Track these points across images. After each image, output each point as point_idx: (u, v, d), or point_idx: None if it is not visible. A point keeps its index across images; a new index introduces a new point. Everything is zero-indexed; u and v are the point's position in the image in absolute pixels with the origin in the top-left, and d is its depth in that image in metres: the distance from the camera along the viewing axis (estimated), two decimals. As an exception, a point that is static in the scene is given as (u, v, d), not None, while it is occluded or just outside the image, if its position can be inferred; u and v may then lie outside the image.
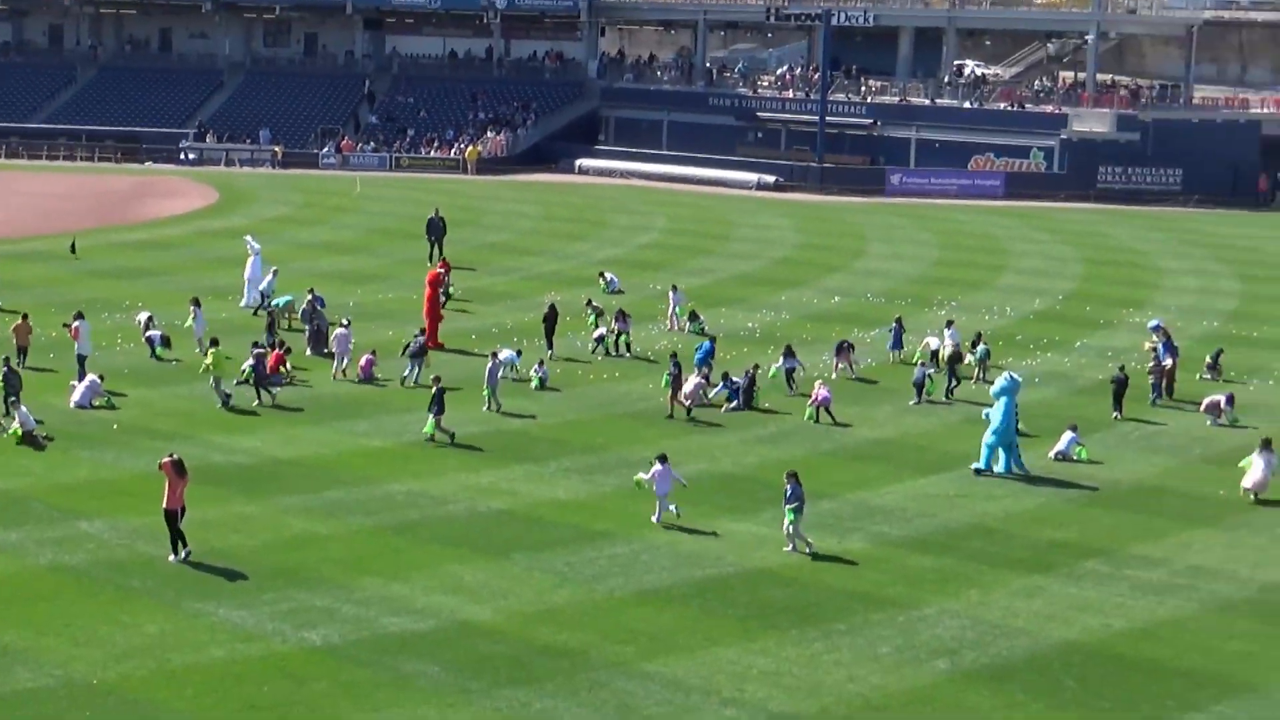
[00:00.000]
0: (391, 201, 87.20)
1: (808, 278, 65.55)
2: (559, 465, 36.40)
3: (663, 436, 39.42)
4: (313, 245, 70.23)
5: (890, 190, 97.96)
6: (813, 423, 41.46)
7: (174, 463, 29.27)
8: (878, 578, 29.50)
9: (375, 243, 71.75)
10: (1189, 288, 66.06)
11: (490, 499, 33.70)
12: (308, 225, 76.91)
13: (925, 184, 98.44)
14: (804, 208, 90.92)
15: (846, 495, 34.96)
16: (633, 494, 34.31)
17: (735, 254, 71.89)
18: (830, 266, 68.80)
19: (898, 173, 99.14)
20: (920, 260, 71.67)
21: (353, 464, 36.10)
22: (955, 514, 33.90)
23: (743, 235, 78.30)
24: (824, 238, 78.27)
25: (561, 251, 70.73)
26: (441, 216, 67.36)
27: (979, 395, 44.15)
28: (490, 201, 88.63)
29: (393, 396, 42.60)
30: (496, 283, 60.38)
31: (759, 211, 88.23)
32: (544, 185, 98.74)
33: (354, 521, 31.82)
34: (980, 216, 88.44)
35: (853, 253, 73.26)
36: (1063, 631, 27.01)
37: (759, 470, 36.75)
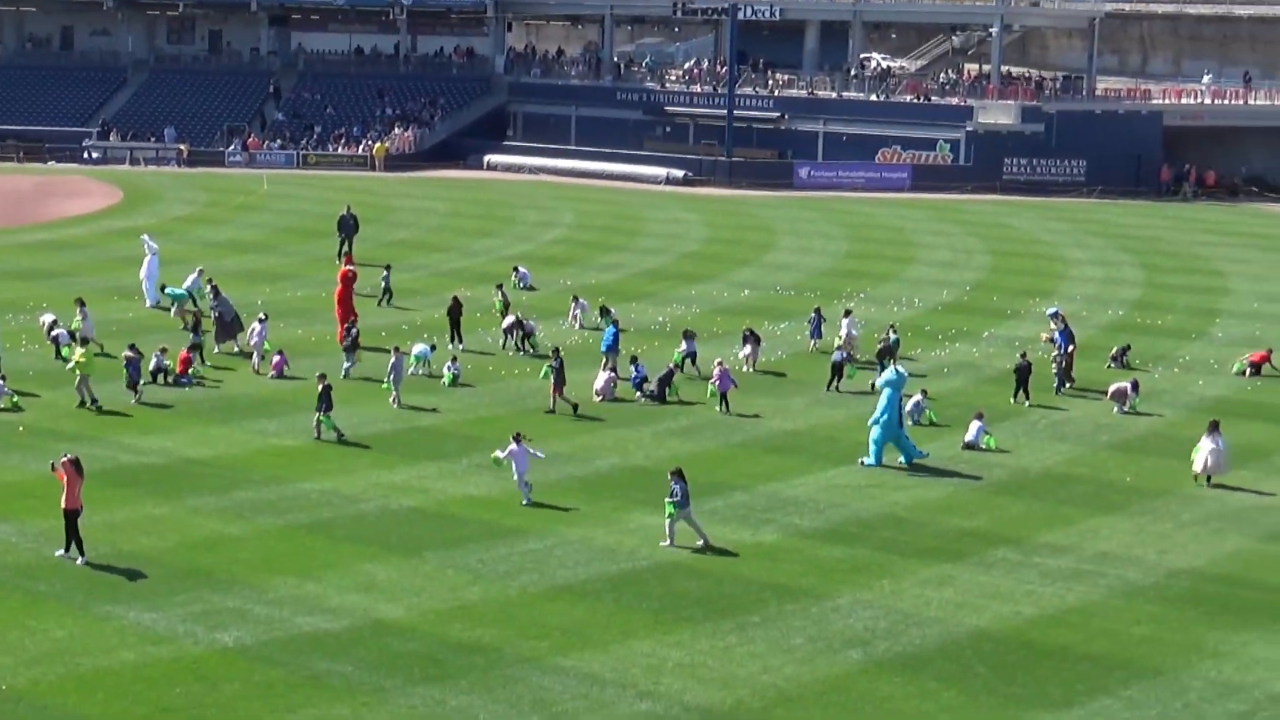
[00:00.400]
0: (299, 199, 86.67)
1: (717, 272, 65.71)
2: (471, 462, 36.33)
3: (576, 431, 39.46)
4: (220, 244, 69.69)
5: (798, 184, 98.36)
6: (723, 414, 41.61)
7: (72, 462, 29.02)
8: (791, 569, 29.64)
9: (284, 241, 71.29)
10: (1093, 277, 66.78)
11: (402, 497, 33.59)
12: (214, 224, 76.31)
13: (833, 177, 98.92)
14: (713, 202, 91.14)
15: (759, 487, 35.10)
16: (546, 490, 34.30)
17: (645, 249, 71.96)
18: (739, 260, 69.01)
19: (805, 166, 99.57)
20: (829, 253, 72.01)
21: (264, 463, 35.89)
22: (866, 504, 34.12)
23: (652, 230, 78.37)
24: (733, 232, 78.49)
25: (469, 248, 70.55)
26: (354, 214, 66.97)
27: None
28: (398, 198, 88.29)
29: (303, 395, 42.34)
30: (405, 279, 60.12)
31: (668, 206, 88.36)
32: (452, 181, 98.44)
33: (265, 521, 31.63)
34: (888, 209, 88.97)
35: (762, 246, 73.51)
36: (974, 619, 27.24)
37: (671, 464, 36.62)
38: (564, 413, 41.31)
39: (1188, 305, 60.64)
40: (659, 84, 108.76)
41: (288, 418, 39.96)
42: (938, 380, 45.94)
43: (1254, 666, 25.54)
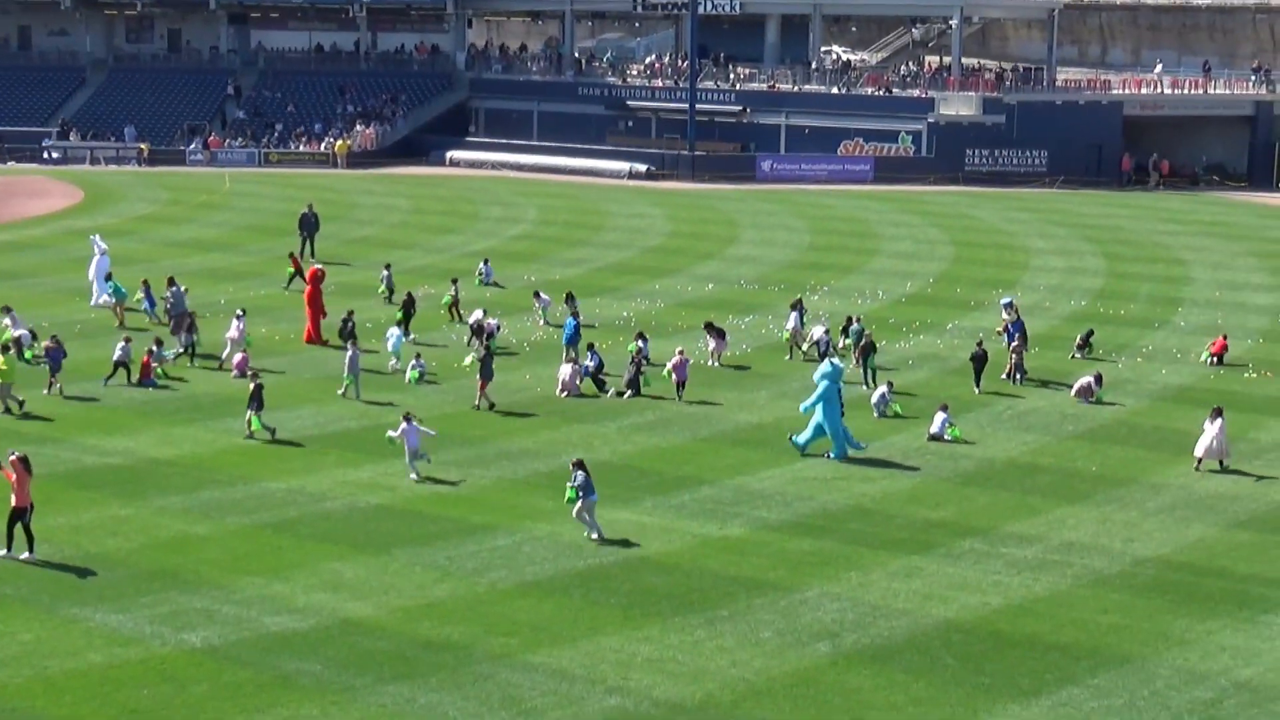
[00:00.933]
0: (261, 198, 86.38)
1: (681, 265, 65.73)
2: (438, 459, 36.23)
3: (541, 427, 39.44)
4: (181, 243, 69.40)
5: (761, 176, 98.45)
6: (678, 404, 41.71)
7: (21, 460, 28.94)
8: (759, 562, 29.67)
9: (246, 239, 71.05)
10: (1056, 267, 67.01)
11: (369, 494, 33.53)
12: (176, 223, 76.00)
13: (796, 170, 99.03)
14: (676, 196, 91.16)
15: (726, 481, 35.14)
16: (513, 486, 34.32)
17: (608, 243, 71.94)
18: (703, 254, 69.05)
19: (768, 159, 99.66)
20: (792, 246, 72.10)
21: (229, 463, 35.77)
22: (833, 496, 34.18)
23: (615, 224, 78.37)
24: (696, 225, 78.53)
25: (432, 244, 70.43)
26: (315, 212, 66.82)
27: (853, 378, 44.59)
28: (360, 195, 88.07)
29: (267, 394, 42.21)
30: (368, 277, 59.97)
31: (631, 200, 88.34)
32: (415, 178, 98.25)
33: (232, 521, 31.53)
34: (851, 201, 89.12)
35: (725, 240, 73.56)
36: (942, 610, 27.32)
37: (637, 459, 36.85)
38: (483, 409, 41.20)
39: (1150, 294, 60.92)
40: (620, 79, 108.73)
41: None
42: (903, 372, 46.04)
43: (1219, 654, 25.67)
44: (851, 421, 39.11)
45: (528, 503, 33.18)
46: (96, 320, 51.73)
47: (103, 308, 53.17)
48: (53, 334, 43.71)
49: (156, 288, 52.63)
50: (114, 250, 59.31)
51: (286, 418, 39.59)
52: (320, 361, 46.26)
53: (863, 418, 40.84)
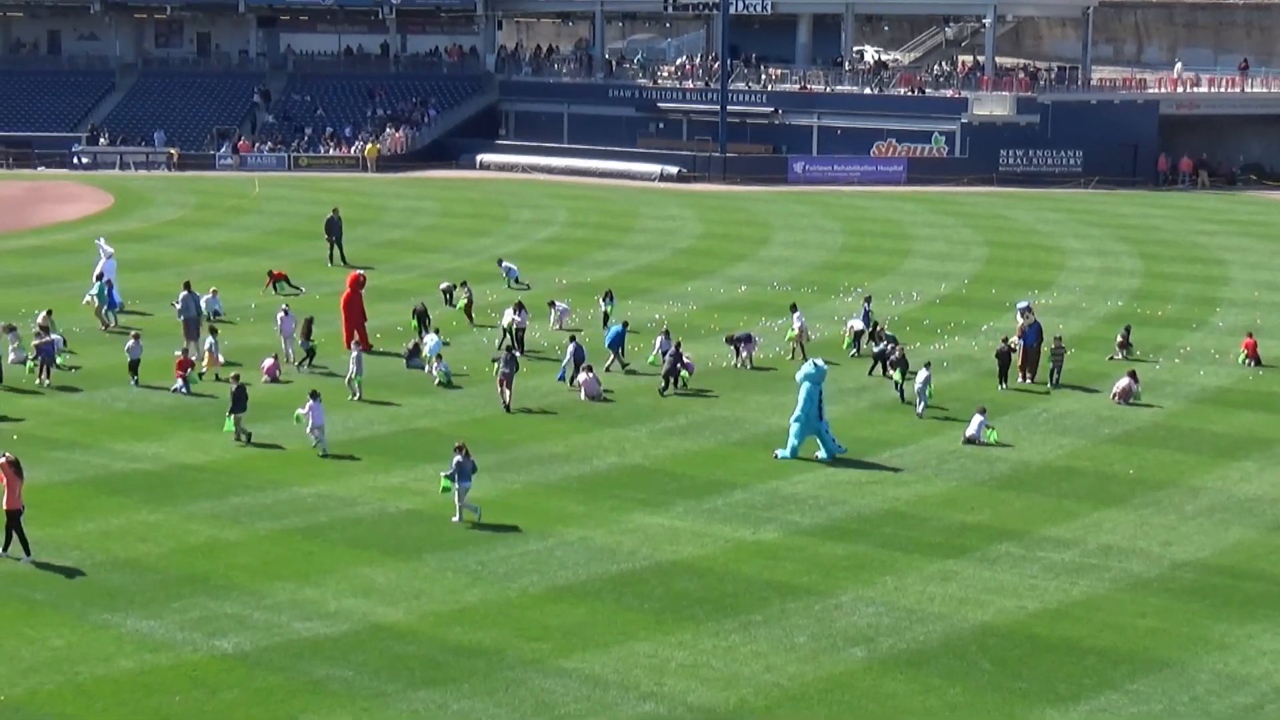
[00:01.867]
0: (291, 201, 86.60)
1: (713, 268, 65.70)
2: (468, 463, 36.30)
3: (573, 431, 39.44)
4: (211, 247, 69.61)
5: (793, 178, 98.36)
6: (718, 410, 41.72)
7: (10, 462, 29.11)
8: (792, 567, 29.62)
9: (275, 243, 71.23)
10: (1091, 268, 66.77)
11: (399, 499, 33.56)
12: (205, 227, 76.23)
13: (828, 171, 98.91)
14: (707, 198, 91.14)
15: (759, 485, 35.09)
16: (544, 490, 34.32)
17: (639, 245, 71.95)
18: (735, 256, 69.00)
19: (800, 161, 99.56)
20: (825, 247, 72.00)
21: (259, 468, 35.84)
22: (867, 500, 34.10)
23: (646, 226, 78.37)
24: (728, 227, 78.49)
25: (462, 247, 70.51)
26: (339, 216, 66.95)
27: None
28: (390, 199, 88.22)
29: (297, 399, 42.32)
30: (397, 280, 60.11)
31: (662, 202, 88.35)
32: (444, 181, 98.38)
33: (262, 526, 31.59)
34: (884, 202, 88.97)
35: (757, 242, 73.51)
36: (978, 615, 27.23)
37: (669, 462, 36.83)
38: (516, 411, 41.52)
39: (1187, 294, 60.64)
40: (651, 80, 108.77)
41: (282, 422, 39.84)
42: (937, 375, 45.93)
43: (1260, 658, 25.53)
44: (888, 425, 39.02)
45: (559, 507, 33.17)
46: (122, 323, 51.88)
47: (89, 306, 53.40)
48: (43, 325, 44.34)
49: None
50: (143, 255, 59.55)
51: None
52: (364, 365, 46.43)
53: (897, 420, 40.74)
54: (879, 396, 43.50)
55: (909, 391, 43.03)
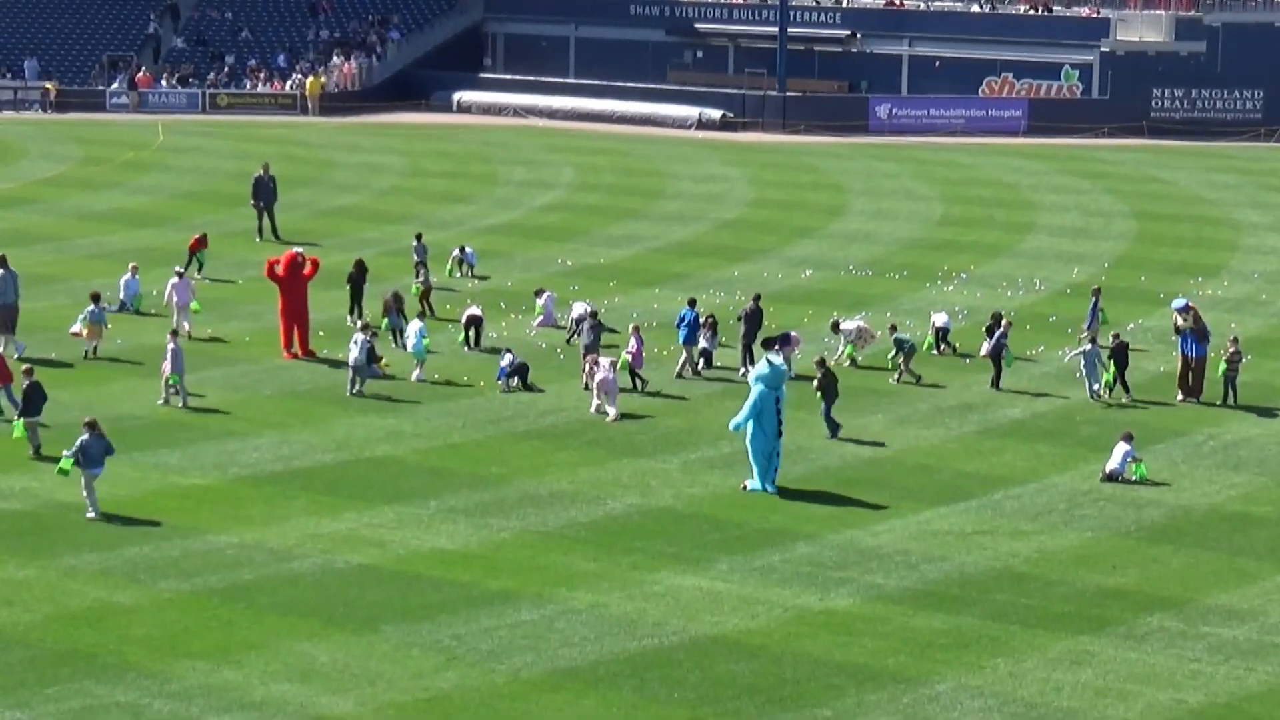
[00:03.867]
0: (206, 154, 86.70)
1: (768, 246, 65.65)
2: (441, 504, 36.30)
3: (581, 463, 39.43)
4: (100, 215, 69.73)
5: (876, 126, 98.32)
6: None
7: None
8: (873, 645, 29.59)
9: (184, 210, 71.25)
10: (1275, 248, 66.63)
11: (350, 552, 33.57)
12: (93, 189, 76.34)
13: (922, 117, 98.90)
14: (761, 152, 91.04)
15: (829, 535, 35.03)
16: (543, 541, 34.34)
17: (669, 216, 71.90)
18: (798, 230, 68.94)
19: (885, 103, 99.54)
20: (917, 219, 71.94)
21: (164, 509, 35.83)
22: (973, 556, 34.04)
23: (679, 191, 78.33)
24: (789, 192, 78.42)
25: (435, 217, 70.51)
26: (271, 175, 66.81)
27: (991, 399, 44.51)
28: (339, 152, 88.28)
29: (214, 417, 42.40)
30: (347, 260, 60.12)
31: (700, 158, 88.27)
32: (411, 129, 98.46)
33: (167, 587, 31.60)
34: (996, 159, 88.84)
35: (828, 211, 73.44)
36: (1120, 711, 27.18)
37: (709, 505, 36.80)
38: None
39: (1405, 284, 60.56)
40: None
41: (195, 447, 39.93)
42: (1070, 387, 45.90)
43: None
44: (1001, 456, 38.93)
45: (562, 563, 33.16)
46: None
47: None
48: None
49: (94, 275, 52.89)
50: (9, 225, 59.64)
51: (240, 449, 39.75)
52: (288, 374, 46.41)
53: (1014, 449, 40.68)
54: (990, 417, 43.45)
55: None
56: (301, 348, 47.85)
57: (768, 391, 37.64)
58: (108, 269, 54.78)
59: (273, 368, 46.80)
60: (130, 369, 46.53)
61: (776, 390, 37.88)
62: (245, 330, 50.74)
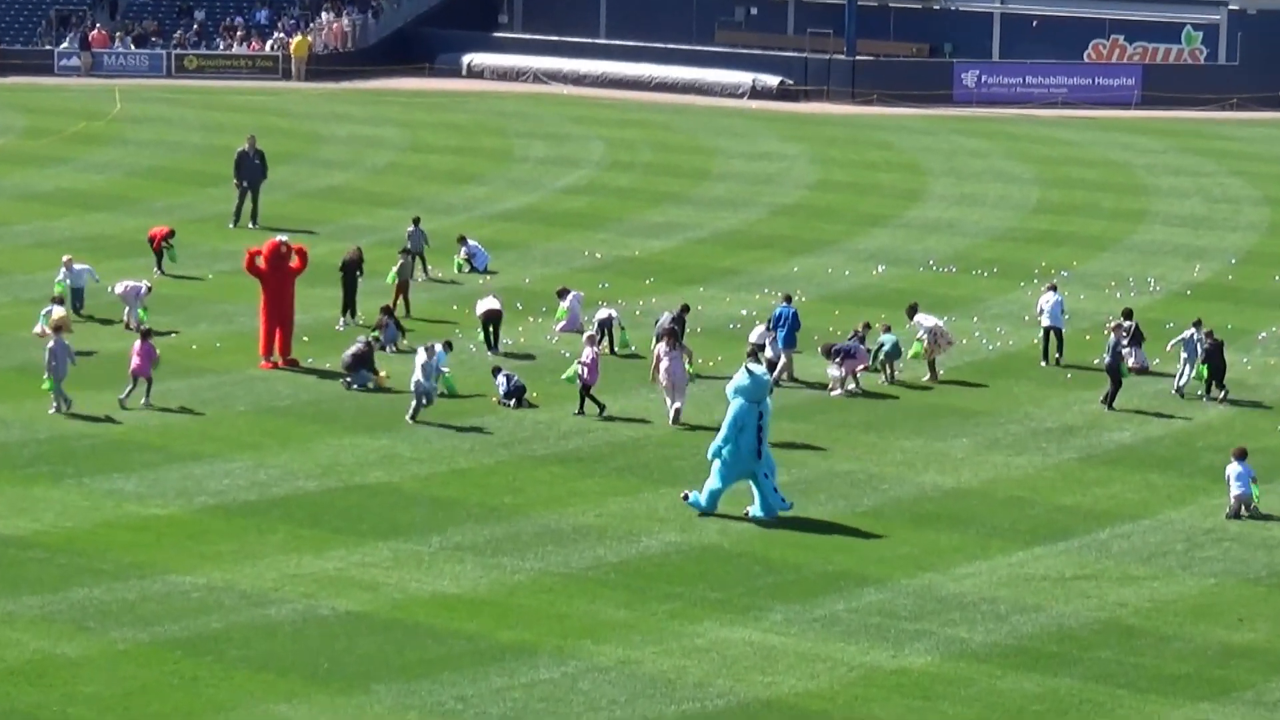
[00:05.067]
0: (171, 126, 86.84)
1: (834, 237, 65.63)
2: (445, 541, 36.28)
3: (610, 492, 39.39)
4: (48, 196, 69.86)
5: (962, 96, 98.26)
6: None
7: None
8: (954, 711, 29.56)
9: (146, 192, 71.38)
10: None
11: (337, 596, 33.55)
12: (37, 165, 76.51)
13: (1016, 86, 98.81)
14: (826, 125, 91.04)
15: (903, 579, 34.98)
16: (564, 585, 34.30)
17: (716, 200, 71.91)
18: (868, 218, 68.93)
19: (973, 69, 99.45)
20: (1011, 206, 71.90)
21: (118, 544, 35.86)
22: (1074, 606, 33.95)
23: (728, 171, 78.35)
24: (857, 173, 78.39)
25: (441, 200, 70.57)
26: (259, 150, 66.69)
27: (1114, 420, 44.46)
28: (327, 123, 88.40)
29: (178, 436, 42.43)
30: (336, 251, 60.15)
31: (754, 132, 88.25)
32: (412, 97, 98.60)
33: (120, 636, 31.62)
34: (1103, 135, 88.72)
35: (905, 196, 73.40)
36: (1249, 790, 27.12)
37: (761, 543, 36.76)
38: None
39: None
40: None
41: (155, 471, 39.96)
42: (1189, 406, 45.79)
43: None
44: (1107, 487, 38.88)
45: (586, 611, 33.13)
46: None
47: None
48: None
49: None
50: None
51: (209, 474, 39.76)
52: (266, 387, 46.46)
53: (1122, 479, 40.59)
54: (1095, 442, 43.34)
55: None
56: (282, 355, 47.83)
57: (748, 406, 37.63)
58: (53, 260, 54.69)
59: (248, 379, 46.85)
60: (80, 377, 46.57)
61: (759, 404, 37.86)
62: (216, 334, 50.76)
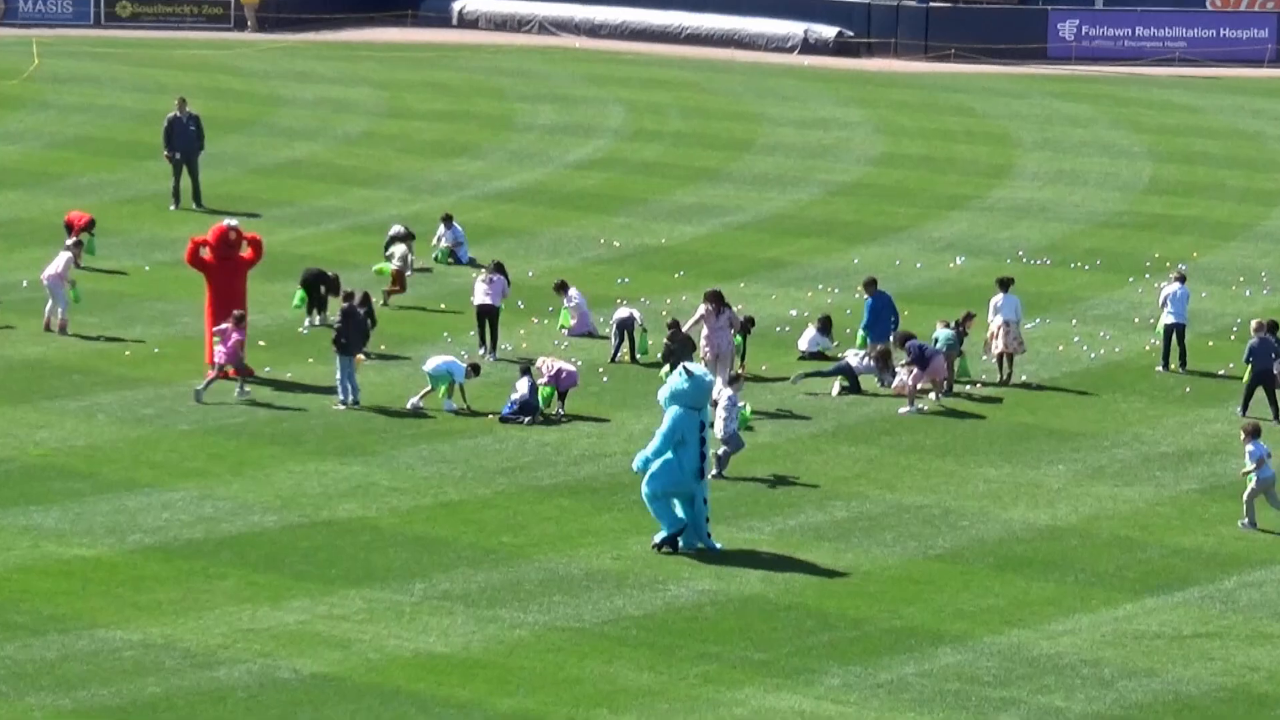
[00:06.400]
0: (100, 86, 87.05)
1: (901, 222, 65.71)
2: (430, 588, 36.30)
3: (631, 530, 39.39)
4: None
5: (1058, 52, 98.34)
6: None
7: None
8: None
9: (68, 166, 71.60)
10: None
11: (299, 655, 33.59)
12: (-61, 133, 76.93)
13: (1124, 39, 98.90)
14: (893, 86, 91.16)
15: (986, 638, 34.98)
16: (578, 642, 34.33)
17: (761, 177, 72.00)
18: (944, 199, 69.00)
19: (1072, 18, 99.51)
20: (1118, 184, 72.00)
21: (34, 590, 35.93)
22: (1193, 670, 33.96)
23: (775, 141, 78.46)
24: (933, 144, 78.45)
25: (424, 177, 70.73)
26: (192, 114, 66.85)
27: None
28: (288, 83, 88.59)
29: (107, 457, 42.51)
30: (298, 239, 60.32)
31: (806, 95, 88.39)
32: (391, 50, 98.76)
33: (37, 702, 31.69)
34: (1231, 99, 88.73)
35: (987, 172, 73.48)
36: None
37: (813, 593, 36.77)
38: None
39: None
40: None
41: (80, 503, 40.01)
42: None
43: None
44: (1232, 526, 38.97)
45: (602, 674, 33.17)
46: None
47: None
48: None
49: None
50: None
51: (145, 507, 39.80)
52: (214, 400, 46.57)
53: (1258, 516, 40.65)
54: (1219, 470, 43.33)
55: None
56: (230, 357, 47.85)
57: (686, 414, 37.76)
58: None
59: (192, 392, 46.88)
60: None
61: (700, 412, 38.01)
62: (153, 337, 50.82)
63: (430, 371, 46.03)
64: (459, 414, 45.51)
